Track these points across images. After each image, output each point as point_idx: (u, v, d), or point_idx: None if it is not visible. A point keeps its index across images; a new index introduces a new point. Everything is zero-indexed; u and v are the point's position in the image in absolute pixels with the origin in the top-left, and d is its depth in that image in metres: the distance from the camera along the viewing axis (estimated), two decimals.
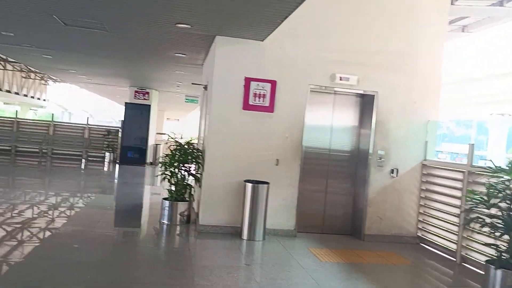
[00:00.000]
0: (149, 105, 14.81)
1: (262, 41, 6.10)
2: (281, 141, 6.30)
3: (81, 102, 61.42)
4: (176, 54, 7.84)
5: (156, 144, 15.45)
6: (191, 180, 6.87)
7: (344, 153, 6.90)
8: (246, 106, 6.15)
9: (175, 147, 6.70)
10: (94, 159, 15.26)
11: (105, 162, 14.92)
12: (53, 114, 15.91)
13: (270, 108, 6.21)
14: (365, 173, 6.63)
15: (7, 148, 14.83)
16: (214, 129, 6.20)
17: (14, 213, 6.84)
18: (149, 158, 15.20)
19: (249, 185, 5.95)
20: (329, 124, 6.81)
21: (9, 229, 5.78)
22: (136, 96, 14.91)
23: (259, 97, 6.15)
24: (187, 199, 6.71)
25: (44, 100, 46.38)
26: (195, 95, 16.11)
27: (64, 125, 15.75)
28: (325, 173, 6.83)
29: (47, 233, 5.87)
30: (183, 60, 8.42)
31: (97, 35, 6.81)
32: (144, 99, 14.96)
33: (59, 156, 15.08)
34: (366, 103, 6.77)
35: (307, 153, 6.55)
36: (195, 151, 6.73)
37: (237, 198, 6.12)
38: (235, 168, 6.18)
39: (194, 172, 6.69)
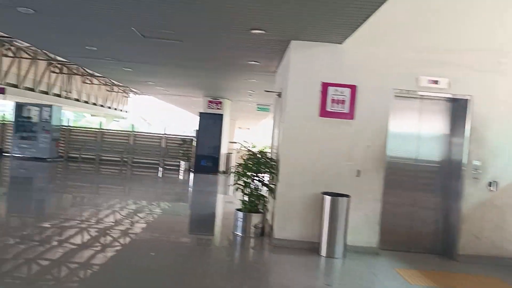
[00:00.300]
0: (222, 115, 14.94)
1: (341, 43, 5.72)
2: (362, 151, 5.84)
3: (159, 113, 64.79)
4: (250, 62, 7.71)
5: (228, 153, 15.53)
6: (264, 191, 6.63)
7: (433, 164, 6.25)
8: (324, 113, 5.79)
9: (247, 156, 6.53)
10: (170, 167, 15.71)
11: (180, 171, 15.29)
12: (132, 124, 16.70)
13: (349, 115, 5.79)
14: (457, 185, 5.93)
15: (92, 157, 15.77)
16: (289, 138, 5.90)
17: (98, 219, 7.14)
18: (222, 167, 15.30)
19: (328, 198, 5.56)
20: (416, 132, 6.21)
21: (92, 233, 6.08)
22: (209, 106, 15.13)
23: (338, 103, 5.75)
24: (261, 210, 6.47)
25: (126, 111, 49.50)
26: (267, 104, 16.01)
27: (143, 135, 16.44)
28: (412, 185, 6.22)
29: (127, 239, 6.03)
30: (256, 68, 8.28)
31: (173, 46, 6.88)
32: (217, 108, 15.13)
33: (138, 164, 15.75)
34: (458, 108, 6.08)
35: (391, 163, 6.01)
36: (268, 160, 6.48)
37: (314, 211, 5.75)
38: (312, 179, 5.82)
39: (267, 183, 6.45)
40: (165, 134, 16.02)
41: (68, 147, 15.73)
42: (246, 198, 6.45)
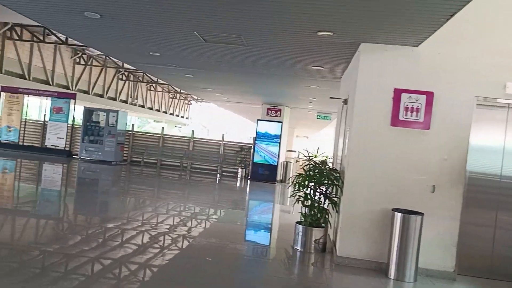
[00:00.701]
0: (281, 122, 14.67)
1: (417, 46, 5.23)
2: (438, 164, 5.27)
3: (219, 120, 66.09)
4: (314, 68, 7.37)
5: (286, 162, 15.21)
6: (327, 204, 6.22)
7: None
8: (395, 121, 5.30)
9: (308, 166, 6.14)
10: (227, 174, 15.69)
11: (237, 178, 15.20)
12: (193, 130, 16.90)
13: (425, 124, 5.25)
14: None
15: (154, 161, 16.15)
16: (356, 148, 5.47)
17: (158, 222, 7.27)
18: (279, 176, 15.01)
19: (398, 215, 5.06)
20: (500, 145, 5.52)
21: (151, 236, 6.22)
22: (268, 113, 14.94)
23: (412, 112, 5.25)
24: (322, 225, 6.07)
25: (187, 118, 50.91)
26: (328, 112, 15.53)
27: (202, 141, 16.59)
28: (495, 204, 5.53)
29: (184, 243, 6.07)
30: (320, 74, 7.93)
31: (234, 51, 6.73)
32: (276, 116, 14.90)
33: (197, 170, 15.89)
34: None
35: (472, 179, 5.38)
36: (332, 171, 6.07)
37: (382, 228, 5.27)
38: (381, 194, 5.34)
39: (330, 195, 6.04)
40: (223, 140, 16.05)
41: (131, 151, 16.23)
42: (306, 210, 6.08)
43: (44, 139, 16.15)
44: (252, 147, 15.36)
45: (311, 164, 6.14)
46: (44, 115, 16.51)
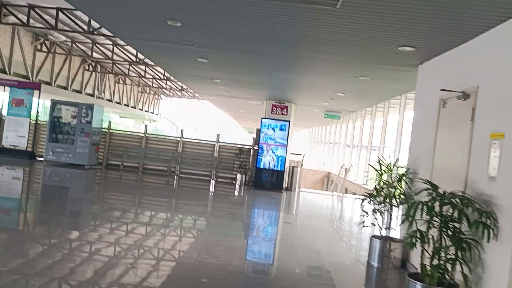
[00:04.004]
0: (288, 121, 12.70)
1: None
2: None
3: (186, 118, 63.38)
4: (399, 48, 5.27)
5: (293, 167, 13.25)
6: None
7: None
8: None
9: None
10: (223, 180, 13.57)
11: (235, 185, 13.11)
12: (182, 130, 14.58)
13: None
14: None
15: (135, 165, 13.74)
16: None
17: (144, 237, 6.22)
18: (285, 183, 13.05)
19: None
20: None
21: (136, 254, 5.33)
22: (273, 111, 12.94)
23: None
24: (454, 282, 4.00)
25: (156, 114, 47.98)
26: (337, 110, 13.74)
27: (193, 142, 14.31)
28: None
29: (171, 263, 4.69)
30: (394, 58, 5.87)
31: (312, 17, 4.67)
32: (282, 114, 12.92)
33: (186, 175, 13.66)
34: None
35: None
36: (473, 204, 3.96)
37: None
38: None
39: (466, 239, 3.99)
40: (218, 141, 13.88)
41: (108, 153, 13.74)
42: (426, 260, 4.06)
43: (0, 138, 13.35)
44: (253, 149, 13.32)
45: (433, 191, 4.09)
46: (0, 108, 13.67)
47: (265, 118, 12.79)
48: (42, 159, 12.88)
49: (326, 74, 7.89)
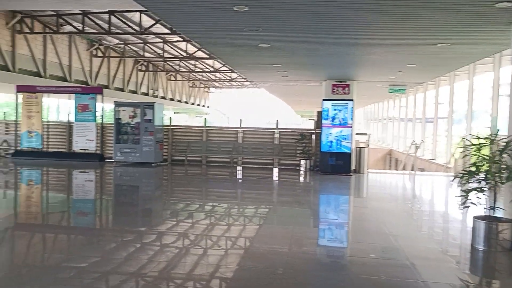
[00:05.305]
0: (352, 100, 12.18)
1: None
2: None
3: (237, 108, 63.85)
4: (497, 5, 4.65)
5: (360, 148, 12.74)
6: None
7: None
8: None
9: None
10: (287, 167, 13.35)
11: (300, 171, 12.85)
12: (241, 119, 14.47)
13: None
14: None
15: (198, 158, 13.86)
16: None
17: (215, 228, 6.21)
18: (353, 165, 12.58)
19: None
20: None
21: (210, 245, 5.36)
22: (334, 91, 12.46)
23: None
24: None
25: (208, 107, 48.69)
26: (402, 83, 13.00)
27: (252, 130, 14.17)
28: None
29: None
30: (484, 17, 5.26)
31: None
32: (344, 93, 12.42)
33: (249, 165, 13.59)
34: None
35: None
36: None
37: None
38: None
39: None
40: (277, 128, 13.64)
41: (172, 149, 13.95)
42: None
43: (71, 143, 13.95)
44: (315, 133, 12.96)
45: None
46: (68, 114, 14.26)
47: (326, 100, 12.33)
48: (112, 160, 13.31)
49: (398, 45, 7.35)
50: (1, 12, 16.28)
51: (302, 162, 12.93)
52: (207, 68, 28.30)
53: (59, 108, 22.11)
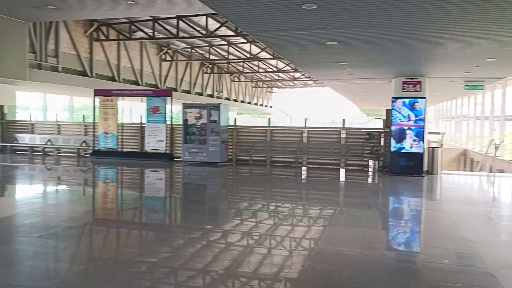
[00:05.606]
0: (424, 98, 11.52)
1: None
2: None
3: (299, 107, 63.40)
4: None
5: (433, 148, 12.04)
6: None
7: None
8: None
9: None
10: (353, 168, 12.97)
11: (369, 172, 12.41)
12: (306, 119, 14.32)
13: None
14: None
15: (262, 158, 13.91)
16: None
17: (280, 229, 6.04)
18: (425, 166, 11.91)
19: None
20: None
21: (275, 245, 5.30)
22: (404, 88, 11.89)
23: None
24: None
25: (270, 107, 48.90)
26: (480, 79, 12.08)
27: (317, 130, 13.96)
28: None
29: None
30: None
31: None
32: (415, 90, 11.80)
33: (313, 165, 13.39)
34: None
35: None
36: None
37: None
38: None
39: None
40: (344, 128, 13.30)
41: (236, 149, 14.13)
42: None
43: (143, 143, 14.65)
44: (384, 132, 12.45)
45: None
46: (141, 116, 14.99)
47: (396, 98, 11.78)
48: (180, 159, 13.77)
49: (478, 39, 6.80)
50: (80, 21, 17.52)
51: (370, 162, 12.49)
52: (270, 68, 28.43)
53: (131, 110, 23.38)
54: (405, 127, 11.51)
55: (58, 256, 4.84)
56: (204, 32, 17.33)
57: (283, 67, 26.50)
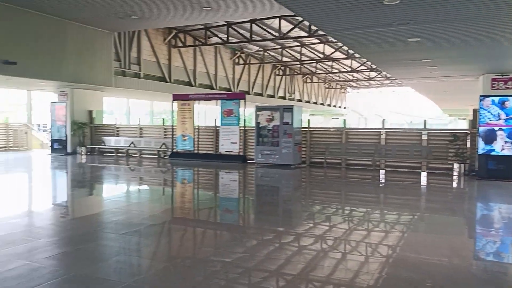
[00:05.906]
0: None
1: None
2: None
3: (375, 108, 61.29)
4: None
5: None
6: None
7: None
8: None
9: None
10: (436, 171, 12.15)
11: (453, 176, 11.55)
12: (383, 120, 13.73)
13: None
14: None
15: (337, 161, 13.57)
16: None
17: (356, 234, 5.69)
18: None
19: None
20: None
21: (353, 251, 4.90)
22: (494, 86, 10.92)
23: None
24: None
25: (344, 108, 47.84)
26: None
27: (396, 132, 13.31)
28: None
29: None
30: None
31: None
32: (506, 88, 10.77)
33: (392, 169, 12.77)
34: None
35: None
36: None
37: None
38: None
39: None
40: (425, 129, 12.52)
41: (310, 151, 13.94)
42: None
43: (217, 145, 15.02)
44: (470, 134, 11.52)
45: None
46: (215, 119, 15.40)
47: (484, 96, 10.84)
48: (253, 161, 13.90)
49: None
50: (160, 29, 18.47)
51: (455, 166, 11.63)
52: (344, 68, 27.77)
53: (206, 113, 24.13)
54: (496, 128, 10.54)
55: (141, 253, 5.06)
56: (277, 34, 17.38)
57: (358, 67, 25.75)
